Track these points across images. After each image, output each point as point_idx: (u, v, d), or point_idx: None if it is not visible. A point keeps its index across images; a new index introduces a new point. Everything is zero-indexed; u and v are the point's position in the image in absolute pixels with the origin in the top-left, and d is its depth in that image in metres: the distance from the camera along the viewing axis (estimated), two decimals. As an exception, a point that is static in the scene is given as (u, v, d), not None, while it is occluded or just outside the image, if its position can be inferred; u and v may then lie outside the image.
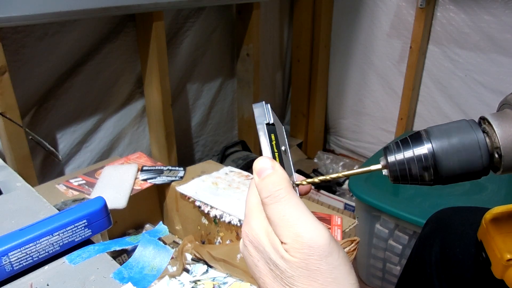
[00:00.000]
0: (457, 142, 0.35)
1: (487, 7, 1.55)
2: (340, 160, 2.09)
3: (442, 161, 0.35)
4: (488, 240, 0.54)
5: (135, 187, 1.00)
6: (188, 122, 1.70)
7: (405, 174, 0.37)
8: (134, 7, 1.15)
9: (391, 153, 0.37)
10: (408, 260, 0.82)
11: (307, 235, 0.32)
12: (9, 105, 0.99)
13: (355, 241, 0.80)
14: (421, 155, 0.36)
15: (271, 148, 0.36)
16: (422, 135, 0.37)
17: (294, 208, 0.33)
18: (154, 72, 1.34)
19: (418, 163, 0.36)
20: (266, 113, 0.37)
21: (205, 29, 1.61)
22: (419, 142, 0.36)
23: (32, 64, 1.15)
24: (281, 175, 0.34)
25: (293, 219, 0.33)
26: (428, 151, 0.36)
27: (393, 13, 1.81)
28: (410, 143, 0.37)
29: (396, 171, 0.37)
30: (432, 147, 0.36)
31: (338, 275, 0.32)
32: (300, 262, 0.32)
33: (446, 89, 1.77)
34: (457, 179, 0.36)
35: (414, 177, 0.37)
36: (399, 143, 0.37)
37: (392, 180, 0.38)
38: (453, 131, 0.36)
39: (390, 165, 0.37)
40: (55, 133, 1.27)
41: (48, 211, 0.59)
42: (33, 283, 0.47)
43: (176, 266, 0.91)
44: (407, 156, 0.36)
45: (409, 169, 0.36)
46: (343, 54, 2.07)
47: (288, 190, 0.34)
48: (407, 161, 0.36)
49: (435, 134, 0.36)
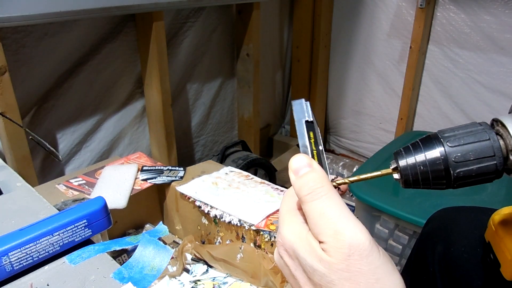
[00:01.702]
0: (471, 145, 0.34)
1: (487, 7, 1.55)
2: (340, 160, 2.09)
3: (455, 165, 0.34)
4: (497, 242, 0.53)
5: (135, 187, 1.00)
6: (188, 122, 1.70)
7: (417, 179, 0.36)
8: (134, 7, 1.15)
9: (402, 157, 0.36)
10: (408, 260, 0.81)
11: (348, 233, 0.30)
12: (9, 105, 0.99)
13: (355, 241, 0.80)
14: (433, 159, 0.35)
15: (310, 145, 0.36)
16: (433, 139, 0.36)
17: (336, 205, 0.32)
18: (154, 72, 1.34)
19: (430, 167, 0.35)
20: (306, 110, 0.37)
21: (205, 29, 1.61)
22: (431, 145, 0.36)
23: (32, 64, 1.15)
24: (320, 173, 0.33)
25: (334, 216, 0.31)
26: (441, 155, 0.35)
27: (393, 13, 1.81)
28: (421, 147, 0.36)
29: (408, 176, 0.36)
30: (444, 150, 0.35)
31: (381, 276, 0.30)
32: (340, 263, 0.30)
33: (446, 89, 1.77)
34: (470, 183, 0.36)
35: (426, 182, 0.36)
36: (410, 147, 0.36)
37: (404, 184, 0.37)
38: (465, 134, 0.35)
39: (401, 170, 0.36)
40: (55, 133, 1.27)
41: (48, 211, 0.59)
42: (33, 283, 0.47)
43: (176, 266, 0.91)
44: (419, 160, 0.35)
45: (421, 173, 0.35)
46: (343, 54, 2.07)
47: (329, 187, 0.32)
48: (419, 165, 0.35)
49: (447, 137, 0.35)
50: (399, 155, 0.37)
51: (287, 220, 0.34)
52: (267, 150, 2.23)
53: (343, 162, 2.06)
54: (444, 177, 0.35)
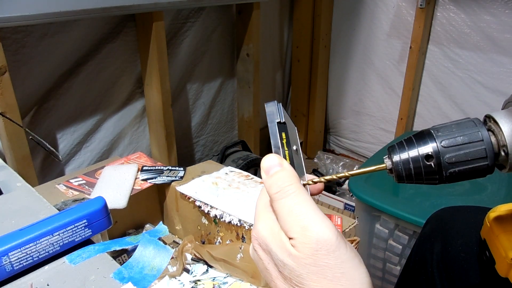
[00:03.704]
0: (462, 141, 0.35)
1: (487, 7, 1.55)
2: (340, 160, 2.09)
3: (447, 160, 0.35)
4: (492, 239, 0.53)
5: (135, 187, 1.00)
6: (188, 122, 1.70)
7: (410, 174, 0.36)
8: (134, 7, 1.15)
9: (396, 152, 0.37)
10: (408, 259, 0.82)
11: (315, 229, 0.32)
12: (9, 105, 0.99)
13: (355, 241, 0.80)
14: (425, 154, 0.36)
15: (282, 146, 0.36)
16: (426, 134, 0.37)
17: (303, 203, 0.33)
18: (154, 72, 1.34)
19: (423, 162, 0.36)
20: (278, 112, 0.37)
21: (205, 29, 1.61)
22: (424, 141, 0.36)
23: (32, 64, 1.15)
24: (290, 172, 0.34)
25: (301, 213, 0.32)
26: (433, 150, 0.36)
27: (393, 13, 1.81)
28: (414, 142, 0.37)
29: (401, 170, 0.37)
30: (437, 146, 0.35)
31: (348, 270, 0.31)
32: (308, 257, 0.31)
33: (446, 89, 1.77)
34: (462, 178, 0.36)
35: (419, 177, 0.36)
36: (403, 142, 0.37)
37: (397, 179, 0.38)
38: (458, 129, 0.36)
39: (394, 164, 0.37)
40: (55, 133, 1.27)
41: (48, 211, 0.59)
42: (33, 283, 0.47)
43: (176, 266, 0.91)
44: (412, 155, 0.36)
45: (414, 168, 0.36)
46: (343, 54, 2.07)
47: (297, 185, 0.34)
48: (412, 160, 0.36)
49: (440, 133, 0.36)
50: (393, 150, 0.37)
51: (262, 217, 0.36)
52: (267, 150, 2.23)
53: (343, 162, 2.06)
54: (437, 173, 0.36)
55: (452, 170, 0.35)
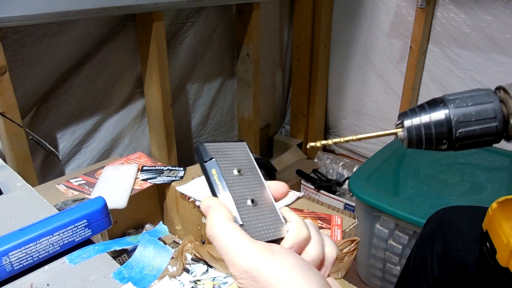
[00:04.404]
0: (473, 108, 0.36)
1: (487, 7, 1.55)
2: (340, 160, 2.09)
3: (458, 125, 0.36)
4: (495, 227, 0.53)
5: (135, 187, 1.00)
6: (188, 122, 1.70)
7: (421, 139, 0.37)
8: (134, 7, 1.15)
9: (408, 117, 0.38)
10: (408, 259, 0.82)
11: (239, 261, 0.32)
12: (9, 105, 0.99)
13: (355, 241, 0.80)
14: (437, 120, 0.37)
15: (214, 182, 0.37)
16: (438, 101, 0.38)
17: (229, 239, 0.33)
18: (154, 72, 1.34)
19: (434, 128, 0.37)
20: (203, 151, 0.38)
21: (205, 29, 1.61)
22: (436, 107, 0.37)
23: (32, 64, 1.15)
24: (214, 216, 0.35)
25: (228, 249, 0.33)
26: (445, 116, 0.36)
27: (393, 13, 1.81)
28: (427, 108, 0.38)
29: (412, 135, 0.38)
30: (448, 111, 0.36)
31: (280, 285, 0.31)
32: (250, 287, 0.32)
33: (446, 89, 1.76)
34: (471, 145, 0.37)
35: (429, 142, 0.37)
36: (415, 109, 0.38)
37: (407, 144, 0.38)
38: (469, 98, 0.37)
39: (406, 129, 0.38)
40: (55, 133, 1.27)
41: (48, 211, 0.59)
42: (33, 283, 0.47)
43: (176, 266, 0.91)
44: (424, 121, 0.37)
45: (425, 134, 0.37)
46: (343, 54, 2.07)
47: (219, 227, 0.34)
48: (423, 126, 0.37)
49: (452, 101, 0.37)
50: (405, 115, 0.38)
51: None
52: (267, 150, 2.23)
53: (343, 162, 2.06)
54: (447, 138, 0.37)
55: (462, 130, 0.36)
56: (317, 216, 0.89)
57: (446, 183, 1.38)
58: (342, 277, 0.72)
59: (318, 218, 0.89)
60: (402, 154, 1.59)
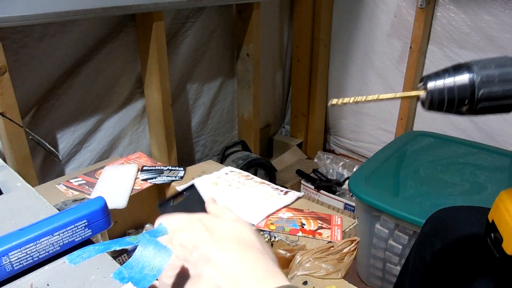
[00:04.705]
0: (497, 71, 0.37)
1: (487, 7, 1.55)
2: (340, 160, 2.09)
3: (480, 86, 0.37)
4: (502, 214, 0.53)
5: (135, 187, 1.00)
6: (188, 122, 1.70)
7: (443, 101, 0.38)
8: (134, 7, 1.15)
9: (432, 80, 0.39)
10: (407, 259, 0.82)
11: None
12: (9, 105, 0.99)
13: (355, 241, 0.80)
14: (461, 81, 0.37)
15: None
16: (463, 65, 0.38)
17: None
18: (154, 72, 1.34)
19: (457, 89, 0.37)
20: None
21: (205, 29, 1.61)
22: (460, 70, 0.38)
23: (32, 64, 1.15)
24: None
25: None
26: (469, 78, 0.37)
27: (393, 13, 1.81)
28: (451, 72, 0.38)
29: (435, 97, 0.38)
30: (472, 75, 0.37)
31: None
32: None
33: (446, 89, 1.76)
34: (491, 109, 0.38)
35: (451, 103, 0.38)
36: (439, 72, 0.39)
37: (428, 106, 0.39)
38: (493, 62, 0.38)
39: (429, 91, 0.38)
40: (55, 133, 1.27)
41: (48, 211, 0.59)
42: (33, 283, 0.47)
43: (176, 266, 0.91)
44: (447, 82, 0.38)
45: (447, 94, 0.38)
46: (343, 54, 2.07)
47: None
48: (446, 88, 0.38)
49: (476, 63, 0.38)
50: (429, 78, 0.39)
51: None
52: (267, 150, 2.23)
53: (343, 162, 2.06)
54: (469, 99, 0.37)
55: (484, 90, 0.37)
56: (317, 216, 0.89)
57: (446, 183, 1.38)
58: (342, 277, 0.72)
59: (318, 218, 0.89)
60: (402, 154, 1.59)
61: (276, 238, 0.83)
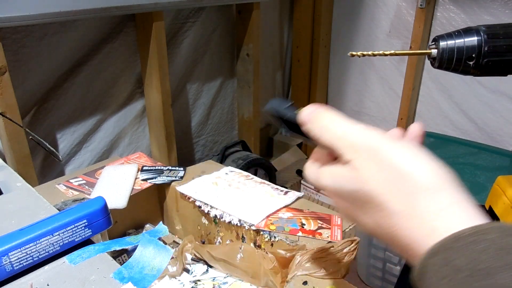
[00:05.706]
0: (502, 30, 0.42)
1: (487, 7, 1.55)
2: (340, 160, 2.09)
3: (486, 42, 0.42)
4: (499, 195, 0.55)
5: (135, 187, 1.00)
6: (188, 122, 1.70)
7: (452, 59, 0.43)
8: (134, 7, 1.15)
9: (444, 40, 0.44)
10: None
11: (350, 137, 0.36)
12: (9, 105, 0.99)
13: (355, 241, 0.80)
14: (469, 39, 0.43)
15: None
16: (473, 28, 0.43)
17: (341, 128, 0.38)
18: (154, 72, 1.34)
19: (466, 48, 0.43)
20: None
21: (205, 29, 1.61)
22: (470, 32, 0.43)
23: (32, 64, 1.15)
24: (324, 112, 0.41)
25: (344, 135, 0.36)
26: (477, 38, 0.42)
27: (393, 13, 1.81)
28: (462, 33, 0.43)
29: (445, 55, 0.43)
30: (481, 35, 0.42)
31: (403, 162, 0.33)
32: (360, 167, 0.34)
33: (446, 89, 1.76)
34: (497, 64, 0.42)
35: (458, 62, 0.43)
36: (451, 33, 0.44)
37: (437, 64, 0.44)
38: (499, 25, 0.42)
39: (440, 49, 0.44)
40: (55, 133, 1.27)
41: (48, 211, 0.59)
42: (33, 283, 0.47)
43: (176, 266, 0.91)
44: (458, 43, 0.43)
45: (457, 54, 0.43)
46: (343, 54, 2.07)
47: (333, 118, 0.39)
48: (457, 47, 0.43)
49: (484, 25, 0.43)
50: (441, 37, 0.44)
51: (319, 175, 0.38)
52: (267, 150, 2.23)
53: (343, 162, 2.06)
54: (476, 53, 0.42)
55: (490, 44, 0.42)
56: (317, 216, 0.89)
57: (446, 183, 1.38)
58: (342, 277, 0.72)
59: (318, 218, 0.89)
60: (402, 154, 1.59)
61: (276, 238, 0.83)
